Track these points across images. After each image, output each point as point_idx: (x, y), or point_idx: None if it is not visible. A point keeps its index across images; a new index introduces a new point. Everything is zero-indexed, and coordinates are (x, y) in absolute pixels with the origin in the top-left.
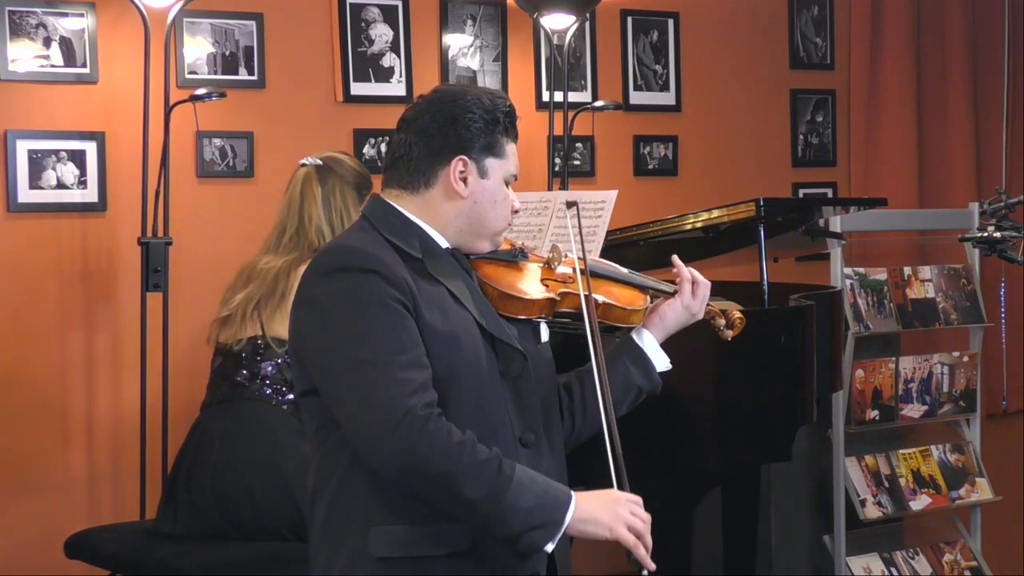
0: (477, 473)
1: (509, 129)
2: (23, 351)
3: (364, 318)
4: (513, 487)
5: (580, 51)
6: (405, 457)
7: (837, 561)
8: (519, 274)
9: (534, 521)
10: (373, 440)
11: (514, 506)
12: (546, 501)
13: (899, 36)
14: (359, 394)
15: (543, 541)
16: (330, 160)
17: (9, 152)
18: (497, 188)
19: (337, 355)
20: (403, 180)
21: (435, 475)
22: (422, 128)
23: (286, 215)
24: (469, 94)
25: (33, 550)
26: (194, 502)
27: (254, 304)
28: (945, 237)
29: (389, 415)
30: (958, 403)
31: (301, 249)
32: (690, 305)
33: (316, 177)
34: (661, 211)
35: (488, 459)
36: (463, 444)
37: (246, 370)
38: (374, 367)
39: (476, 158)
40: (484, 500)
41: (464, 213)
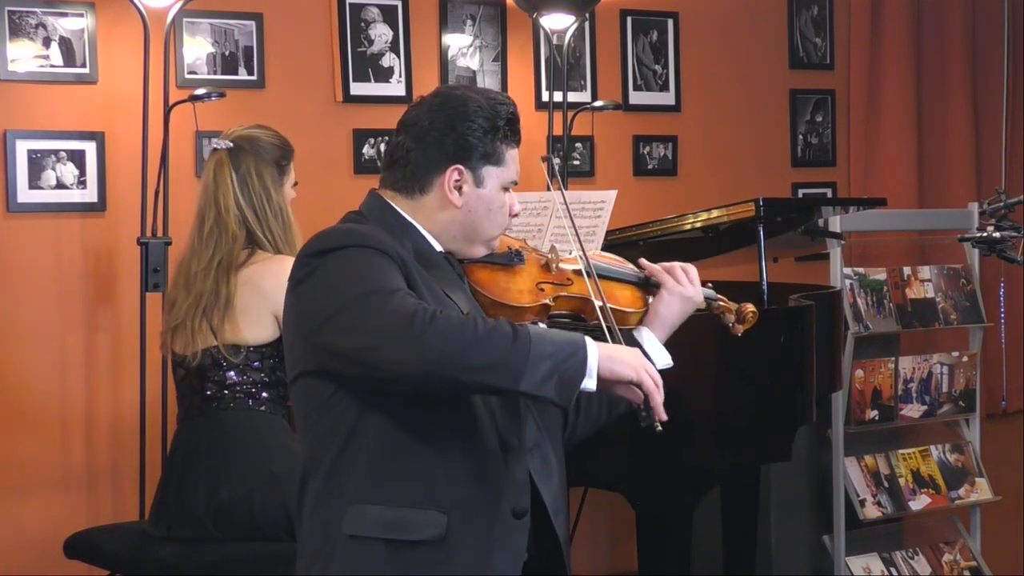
0: (495, 337)
1: (510, 136)
2: (23, 351)
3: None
4: (533, 338)
5: (580, 51)
6: (432, 349)
7: (837, 561)
8: (513, 279)
9: (564, 363)
10: (395, 353)
11: (541, 353)
12: (567, 340)
13: (899, 36)
14: (370, 317)
15: (578, 378)
16: (242, 140)
17: (9, 152)
18: (493, 196)
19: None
20: (398, 184)
21: (458, 353)
22: (419, 133)
23: (203, 204)
24: (470, 100)
25: (33, 550)
26: (188, 514)
27: (201, 313)
28: (945, 237)
29: (400, 321)
30: (958, 403)
31: (225, 242)
32: (680, 291)
33: (229, 162)
34: (661, 211)
35: (499, 322)
36: (470, 318)
37: (211, 383)
38: (377, 294)
39: (473, 167)
40: (513, 356)
41: (458, 221)
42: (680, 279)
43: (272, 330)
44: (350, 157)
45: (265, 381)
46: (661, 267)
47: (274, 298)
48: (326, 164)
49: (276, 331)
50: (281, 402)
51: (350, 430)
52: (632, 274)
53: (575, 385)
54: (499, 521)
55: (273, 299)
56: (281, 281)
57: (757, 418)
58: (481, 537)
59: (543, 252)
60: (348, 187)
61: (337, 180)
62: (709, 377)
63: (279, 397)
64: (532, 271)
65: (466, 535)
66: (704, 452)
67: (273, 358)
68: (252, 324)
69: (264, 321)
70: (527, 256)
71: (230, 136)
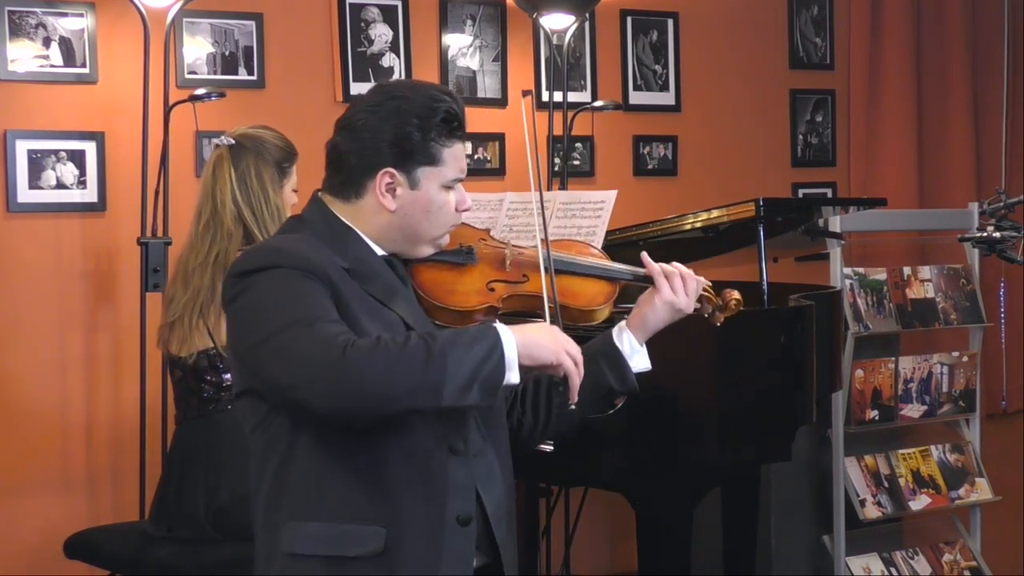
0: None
1: (447, 134)
2: (23, 351)
3: (272, 297)
4: (445, 351)
5: (580, 51)
6: (350, 379)
7: (837, 561)
8: (460, 279)
9: (481, 369)
10: (313, 384)
11: (457, 367)
12: (481, 339)
13: (899, 36)
14: (284, 355)
15: (498, 379)
16: (245, 138)
17: (9, 152)
18: (431, 197)
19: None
20: (335, 187)
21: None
22: (351, 135)
23: (202, 200)
24: (403, 99)
25: (33, 550)
26: (187, 516)
27: (198, 311)
28: (945, 237)
29: (317, 360)
30: (958, 403)
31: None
32: (672, 301)
33: (229, 159)
34: (661, 211)
35: (409, 341)
36: (381, 344)
37: (209, 384)
38: (296, 325)
39: (406, 169)
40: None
41: (395, 226)
42: (676, 289)
43: None
44: None
45: None
46: (661, 269)
47: None
48: None
49: None
50: None
51: (286, 448)
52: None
53: (498, 385)
54: (444, 529)
55: None
56: None
57: (757, 418)
58: (425, 547)
59: (501, 245)
60: None
61: None
62: (709, 377)
63: None
64: (484, 269)
65: (408, 546)
66: (704, 452)
67: None
68: None
69: None
70: (481, 252)
71: (234, 133)
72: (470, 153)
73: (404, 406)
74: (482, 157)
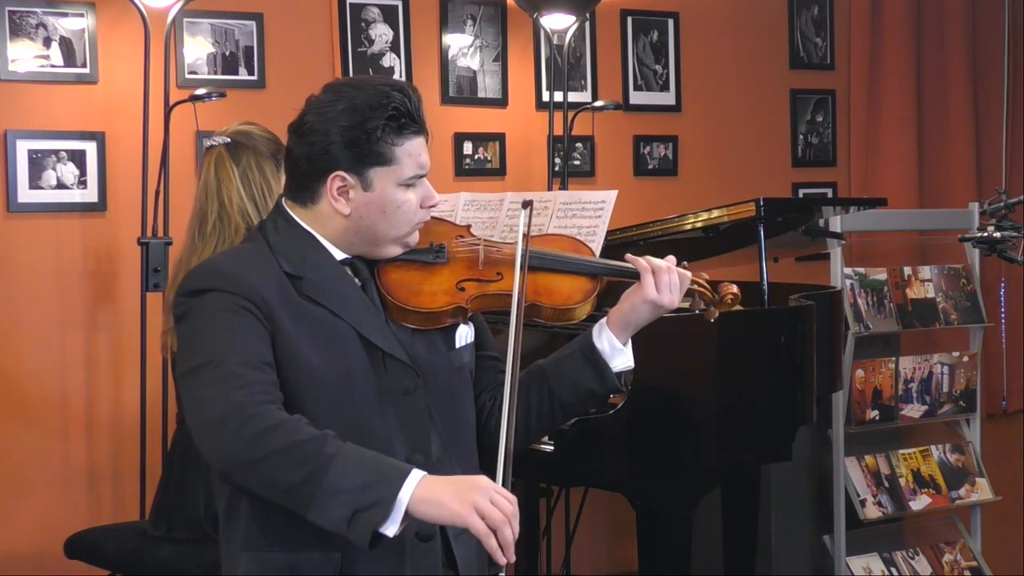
0: (292, 454)
1: (398, 131)
2: (24, 351)
3: (203, 328)
4: (335, 466)
5: (580, 51)
6: (227, 449)
7: (837, 561)
8: (428, 279)
9: (362, 501)
10: (203, 438)
11: (336, 486)
12: (378, 479)
13: (899, 36)
14: (193, 396)
15: (374, 522)
16: (238, 135)
17: (9, 152)
18: (388, 198)
19: (187, 361)
20: (292, 192)
21: (252, 462)
22: (300, 138)
23: (204, 201)
24: (352, 99)
25: (33, 550)
26: (187, 517)
27: None
28: (945, 237)
29: (215, 410)
30: (958, 403)
31: (228, 236)
32: (654, 298)
33: (229, 157)
34: (661, 211)
35: (309, 439)
36: (282, 425)
37: None
38: (205, 368)
39: (357, 171)
40: (303, 483)
41: (351, 229)
42: (661, 285)
43: None
44: None
45: None
46: (647, 263)
47: None
48: None
49: None
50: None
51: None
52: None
53: (368, 530)
54: (403, 547)
55: None
56: None
57: (757, 418)
58: (385, 567)
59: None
60: None
61: None
62: (709, 377)
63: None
64: (455, 268)
65: (366, 569)
66: (704, 452)
67: None
68: None
69: None
70: (453, 250)
71: (226, 132)
72: (470, 153)
73: (275, 498)
74: (482, 157)
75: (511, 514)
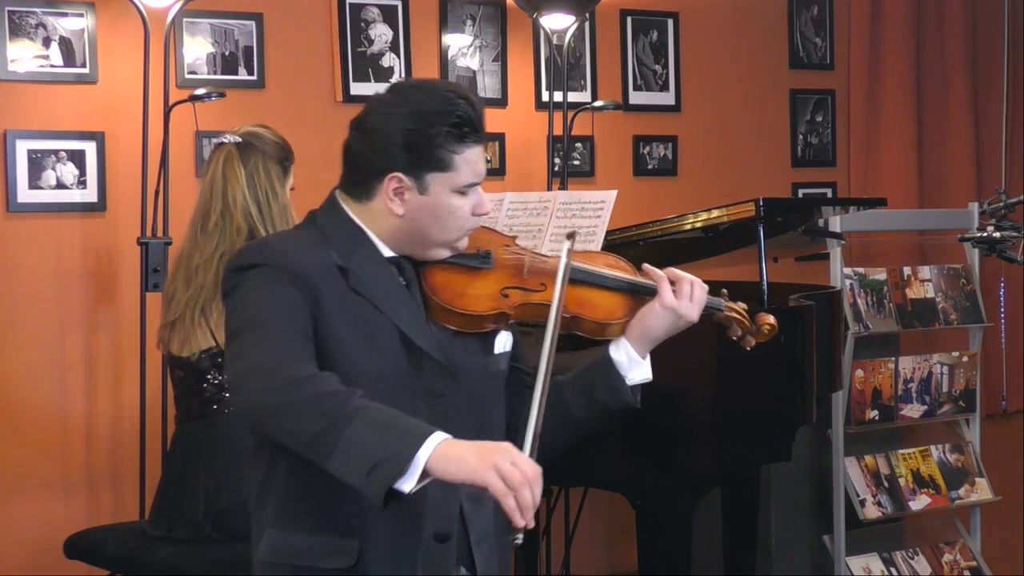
0: (319, 404)
1: (460, 139)
2: (23, 351)
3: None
4: (359, 418)
5: (580, 51)
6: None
7: (837, 561)
8: (474, 283)
9: (381, 454)
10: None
11: (357, 438)
12: (399, 435)
13: (899, 36)
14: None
15: (391, 475)
16: (250, 136)
17: (9, 152)
18: (441, 203)
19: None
20: (347, 187)
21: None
22: (363, 135)
23: (208, 198)
24: (418, 103)
25: (33, 550)
26: (187, 519)
27: (200, 309)
28: (945, 237)
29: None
30: (958, 403)
31: (230, 234)
32: (673, 306)
33: (237, 156)
34: (661, 211)
35: (337, 392)
36: (313, 377)
37: (211, 385)
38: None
39: (415, 174)
40: (325, 432)
41: (402, 229)
42: (681, 293)
43: None
44: None
45: None
46: (666, 273)
47: None
48: (326, 164)
49: None
50: None
51: (270, 452)
52: (623, 280)
53: (384, 484)
54: (419, 546)
55: None
56: None
57: (757, 418)
58: (399, 563)
59: (522, 253)
60: None
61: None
62: (709, 377)
63: None
64: (499, 275)
65: (381, 562)
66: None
67: None
68: None
69: None
70: (499, 258)
71: (238, 132)
72: None
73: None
74: None
75: (532, 478)
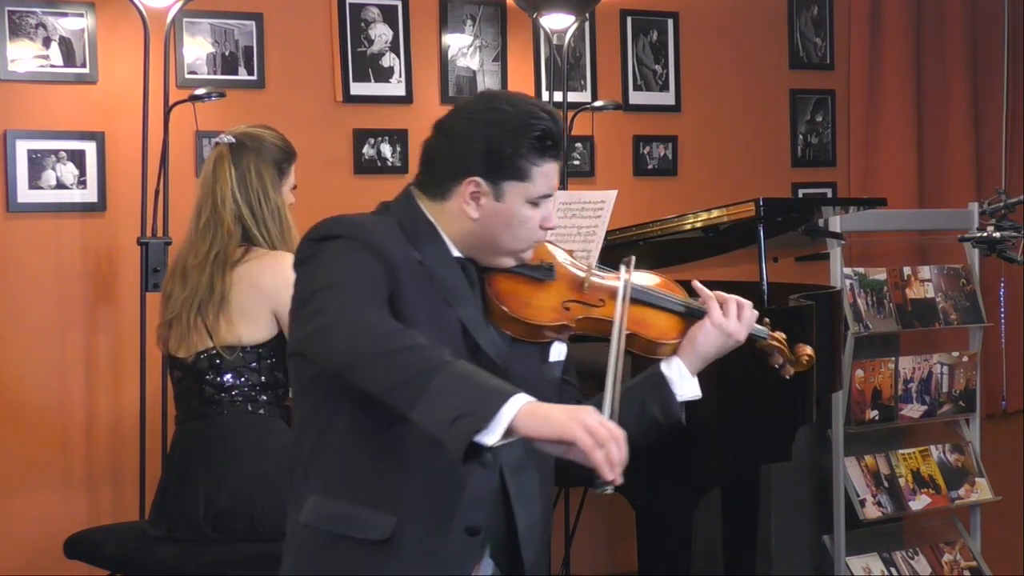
0: (409, 355)
1: (540, 152)
2: (23, 351)
3: (329, 262)
4: (447, 371)
5: (580, 51)
6: (346, 342)
7: (837, 561)
8: (537, 294)
9: (466, 407)
10: (324, 338)
11: (444, 388)
12: (486, 391)
13: (899, 36)
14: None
15: (474, 427)
16: (245, 137)
17: (9, 152)
18: (514, 212)
19: (300, 297)
20: (424, 186)
21: (370, 356)
22: (447, 138)
23: (201, 196)
24: (502, 111)
25: (33, 550)
26: (187, 519)
27: (196, 310)
28: (945, 237)
29: (341, 313)
30: (958, 403)
31: (221, 236)
32: (722, 324)
33: (229, 156)
34: (661, 211)
35: (427, 346)
36: (404, 331)
37: (209, 385)
38: (328, 288)
39: (493, 180)
40: (412, 380)
41: (474, 233)
42: (729, 313)
43: (270, 329)
44: (350, 157)
45: (263, 382)
46: (715, 295)
47: (273, 296)
48: (326, 164)
49: (274, 329)
50: (279, 403)
51: (325, 420)
52: (678, 302)
53: (467, 435)
54: (449, 535)
55: (272, 297)
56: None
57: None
58: (427, 548)
59: (582, 268)
60: (348, 187)
61: (337, 180)
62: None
63: (277, 398)
64: (561, 288)
65: (411, 543)
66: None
67: (270, 358)
68: (249, 323)
69: (262, 319)
70: (560, 271)
71: (235, 132)
72: None
73: (383, 393)
74: None
75: (618, 436)
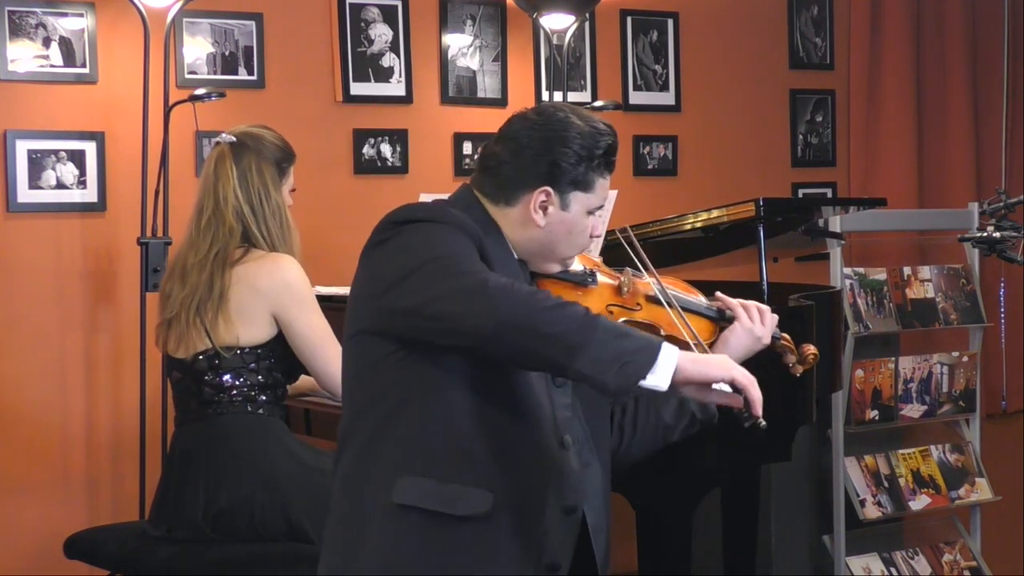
0: (565, 310)
1: (604, 166)
2: (23, 351)
3: (439, 236)
4: (603, 324)
5: (580, 51)
6: (497, 309)
7: (837, 561)
8: (582, 298)
9: (629, 354)
10: (464, 302)
11: (607, 338)
12: (642, 339)
13: (899, 36)
14: (441, 276)
15: (645, 367)
16: (246, 136)
17: (9, 152)
18: (576, 220)
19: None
20: (486, 190)
21: (525, 315)
22: (515, 149)
23: (202, 196)
24: (571, 126)
25: (33, 550)
26: (187, 520)
27: (195, 309)
28: (945, 237)
29: (472, 281)
30: (958, 403)
31: (223, 235)
32: (752, 328)
33: (231, 155)
34: (661, 211)
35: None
36: (538, 291)
37: (209, 386)
38: (449, 258)
39: (561, 190)
40: (575, 332)
41: (537, 239)
42: (753, 317)
43: (268, 329)
44: (350, 157)
45: (261, 382)
46: (738, 302)
47: (270, 297)
48: (326, 164)
49: (272, 330)
50: (278, 403)
51: (402, 396)
52: (704, 305)
53: (636, 377)
54: (547, 511)
55: (269, 298)
56: (278, 280)
57: None
58: (528, 522)
59: (616, 275)
60: (348, 187)
61: (337, 180)
62: None
63: (276, 398)
64: (603, 293)
65: (512, 516)
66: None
67: (269, 359)
68: (247, 323)
69: (260, 320)
70: (600, 277)
71: (235, 131)
72: (470, 153)
73: (542, 348)
74: None
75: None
